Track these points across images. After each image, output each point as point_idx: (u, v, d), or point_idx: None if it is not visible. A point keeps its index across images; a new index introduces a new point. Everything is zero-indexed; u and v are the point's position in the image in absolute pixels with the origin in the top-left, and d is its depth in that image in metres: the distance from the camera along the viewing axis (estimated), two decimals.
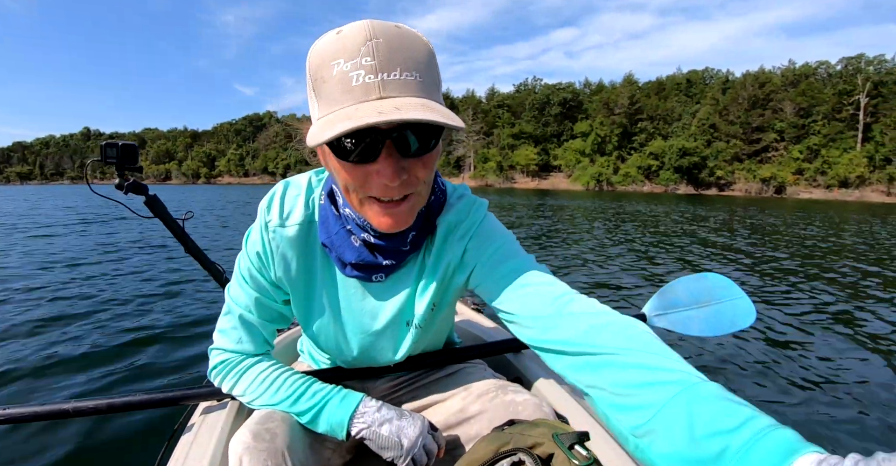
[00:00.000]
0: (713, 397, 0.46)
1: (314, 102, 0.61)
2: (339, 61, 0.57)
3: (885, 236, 11.53)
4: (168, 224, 1.77)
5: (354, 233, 0.77)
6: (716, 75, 68.25)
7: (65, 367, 2.91)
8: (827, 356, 3.26)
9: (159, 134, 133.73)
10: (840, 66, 56.32)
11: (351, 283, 0.85)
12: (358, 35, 0.57)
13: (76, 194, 34.79)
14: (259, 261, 0.83)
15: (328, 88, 0.58)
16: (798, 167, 51.85)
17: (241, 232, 1.83)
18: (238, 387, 0.87)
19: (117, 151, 1.57)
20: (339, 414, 0.82)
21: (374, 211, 0.67)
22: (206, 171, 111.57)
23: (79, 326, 3.70)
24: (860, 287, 5.52)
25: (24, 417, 0.90)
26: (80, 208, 18.35)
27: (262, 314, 0.87)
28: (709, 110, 59.57)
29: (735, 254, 7.96)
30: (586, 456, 0.63)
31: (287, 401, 0.83)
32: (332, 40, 0.59)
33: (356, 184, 0.64)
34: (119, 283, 5.24)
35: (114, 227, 11.38)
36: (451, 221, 0.82)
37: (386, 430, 0.80)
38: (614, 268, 6.50)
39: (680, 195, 46.44)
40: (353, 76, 0.56)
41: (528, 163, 66.29)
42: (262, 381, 0.85)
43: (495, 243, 0.80)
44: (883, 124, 49.92)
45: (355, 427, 0.81)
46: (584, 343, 0.61)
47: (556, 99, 71.47)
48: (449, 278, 0.84)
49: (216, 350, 0.89)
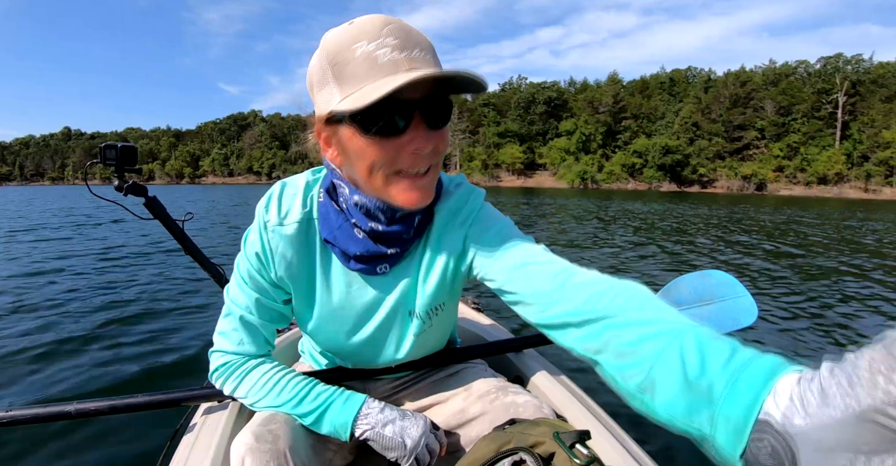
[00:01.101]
0: (704, 339, 0.47)
1: (332, 87, 0.64)
2: (361, 43, 0.61)
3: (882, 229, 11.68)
4: (168, 226, 1.76)
5: (360, 225, 0.77)
6: (699, 74, 68.97)
7: (66, 369, 2.91)
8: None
9: (142, 133, 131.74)
10: (819, 65, 57.32)
11: (353, 277, 0.84)
12: (374, 21, 0.63)
13: (63, 196, 34.06)
14: (258, 261, 0.83)
15: (352, 68, 0.61)
16: (778, 165, 52.72)
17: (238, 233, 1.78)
18: (240, 390, 0.86)
19: (116, 152, 1.57)
20: (342, 416, 0.82)
21: (401, 187, 0.69)
22: (190, 171, 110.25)
23: (79, 327, 3.70)
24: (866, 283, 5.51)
25: (27, 419, 0.90)
26: (69, 210, 18.02)
27: (263, 314, 0.86)
28: (691, 109, 60.26)
29: (728, 249, 8.00)
30: (587, 455, 0.63)
31: (290, 404, 0.83)
32: (348, 28, 0.64)
33: (385, 159, 0.66)
34: (119, 284, 5.23)
35: (110, 228, 11.22)
36: (450, 208, 0.82)
37: (389, 431, 0.80)
38: (605, 264, 6.47)
39: (663, 193, 46.89)
40: (380, 54, 0.60)
41: (514, 161, 66.52)
42: (265, 384, 0.84)
43: (494, 227, 0.80)
44: (860, 122, 50.93)
45: (359, 429, 0.81)
46: (586, 311, 0.60)
47: (541, 98, 71.73)
48: (451, 266, 0.83)
49: (217, 353, 0.88)
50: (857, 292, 4.99)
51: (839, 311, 4.25)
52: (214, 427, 0.93)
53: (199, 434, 0.92)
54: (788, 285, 5.20)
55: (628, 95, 68.24)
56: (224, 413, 0.98)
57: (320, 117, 0.69)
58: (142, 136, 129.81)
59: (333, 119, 0.67)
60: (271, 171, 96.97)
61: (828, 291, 5.00)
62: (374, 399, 0.85)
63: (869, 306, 4.46)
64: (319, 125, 0.70)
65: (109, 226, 11.83)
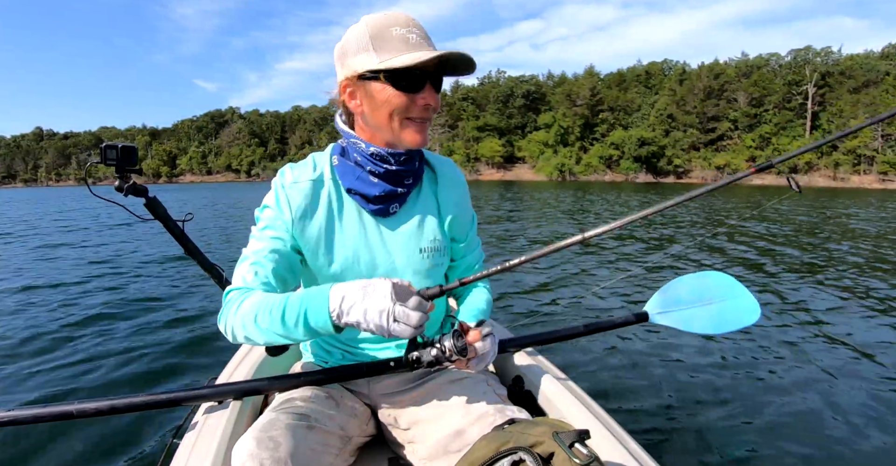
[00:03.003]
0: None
1: (371, 53, 0.87)
2: (396, 28, 0.87)
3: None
4: (168, 226, 1.75)
5: (375, 171, 0.97)
6: (674, 67, 69.80)
7: (66, 369, 2.94)
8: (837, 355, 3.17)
9: (117, 133, 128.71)
10: (789, 57, 58.39)
11: (368, 221, 1.01)
12: (403, 16, 0.90)
13: (46, 198, 33.43)
14: (273, 211, 0.97)
15: (391, 43, 0.86)
16: (751, 155, 53.60)
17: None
18: (235, 319, 0.87)
19: (117, 152, 1.56)
20: (319, 318, 0.80)
21: (411, 130, 0.92)
22: (167, 169, 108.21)
23: (79, 327, 3.74)
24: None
25: (28, 419, 0.90)
26: (53, 213, 17.79)
27: (274, 258, 0.94)
28: (667, 101, 61.02)
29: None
30: (587, 455, 0.63)
31: (276, 323, 0.83)
32: (385, 15, 0.90)
33: (402, 107, 0.89)
34: (118, 284, 5.30)
35: (107, 229, 11.20)
36: (440, 161, 1.11)
37: (354, 317, 0.78)
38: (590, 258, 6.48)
39: (639, 184, 47.50)
40: (410, 37, 0.87)
41: (493, 155, 66.68)
42: (251, 309, 0.85)
43: (469, 215, 1.14)
44: (829, 113, 52.16)
45: (338, 321, 0.80)
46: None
47: (519, 91, 71.92)
48: (441, 208, 1.07)
49: (227, 295, 0.92)
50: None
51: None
52: (215, 428, 0.93)
53: (200, 434, 0.92)
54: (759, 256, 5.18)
55: (605, 88, 68.73)
56: (225, 413, 0.98)
57: (351, 76, 0.90)
58: (117, 135, 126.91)
59: (365, 77, 0.89)
60: (250, 168, 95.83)
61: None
62: (339, 288, 0.80)
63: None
64: (348, 81, 0.92)
65: (109, 226, 11.81)
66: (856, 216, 13.08)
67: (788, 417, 2.37)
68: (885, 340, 3.44)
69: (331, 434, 0.92)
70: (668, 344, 3.27)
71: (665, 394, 2.60)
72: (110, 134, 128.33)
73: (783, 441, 2.17)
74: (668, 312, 1.27)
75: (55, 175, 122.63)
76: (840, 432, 2.26)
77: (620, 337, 3.37)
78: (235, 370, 1.24)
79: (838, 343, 3.36)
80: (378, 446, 1.09)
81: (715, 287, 1.29)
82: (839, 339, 3.44)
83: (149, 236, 9.37)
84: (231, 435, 0.91)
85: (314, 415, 0.91)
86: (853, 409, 2.45)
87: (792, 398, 2.57)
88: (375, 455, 1.07)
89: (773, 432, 2.24)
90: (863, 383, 2.75)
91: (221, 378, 1.23)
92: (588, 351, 3.14)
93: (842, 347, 3.30)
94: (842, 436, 2.22)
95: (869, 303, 4.39)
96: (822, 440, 2.20)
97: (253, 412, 1.06)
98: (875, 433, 2.24)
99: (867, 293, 4.73)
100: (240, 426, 0.96)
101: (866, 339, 3.45)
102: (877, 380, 2.78)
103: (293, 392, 0.98)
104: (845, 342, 3.37)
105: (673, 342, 3.29)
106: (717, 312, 1.24)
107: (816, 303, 4.36)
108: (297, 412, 0.89)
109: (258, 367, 1.25)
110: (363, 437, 1.05)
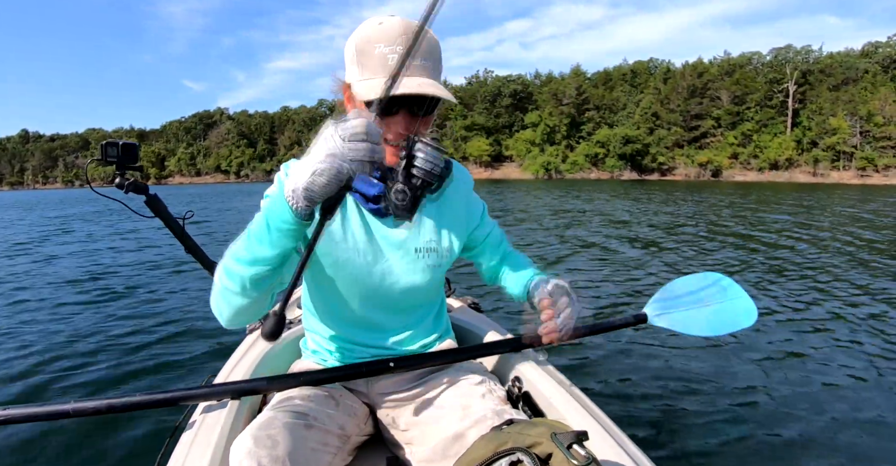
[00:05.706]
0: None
1: (355, 67, 0.88)
2: (380, 45, 0.84)
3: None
4: (168, 224, 1.77)
5: (374, 172, 0.91)
6: (659, 66, 70.61)
7: (65, 368, 2.94)
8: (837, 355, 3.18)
9: (104, 134, 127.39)
10: (770, 56, 59.34)
11: (370, 221, 0.99)
12: (396, 28, 0.85)
13: (40, 200, 32.90)
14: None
15: (372, 62, 0.85)
16: (733, 152, 54.58)
17: None
18: (216, 280, 0.87)
19: (118, 150, 1.57)
20: (279, 207, 0.74)
21: (389, 150, 0.90)
22: (155, 171, 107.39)
23: (78, 327, 3.74)
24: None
25: (25, 417, 0.89)
26: (51, 215, 17.63)
27: None
28: (651, 100, 61.78)
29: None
30: (585, 456, 0.63)
31: (250, 246, 0.79)
32: (375, 28, 0.86)
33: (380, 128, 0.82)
34: (118, 284, 5.26)
35: (106, 229, 11.10)
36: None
37: (303, 180, 0.69)
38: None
39: (625, 181, 48.02)
40: (390, 58, 0.84)
41: (481, 154, 67.09)
42: (226, 255, 0.84)
43: (477, 205, 1.15)
44: (809, 110, 53.11)
45: (295, 202, 0.72)
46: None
47: (506, 90, 72.38)
48: (442, 208, 1.05)
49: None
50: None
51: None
52: (213, 427, 0.93)
53: (198, 433, 0.91)
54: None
55: (592, 87, 69.40)
56: (223, 413, 0.97)
57: (348, 82, 0.92)
58: (104, 136, 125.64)
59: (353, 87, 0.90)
60: (240, 169, 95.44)
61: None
62: (291, 190, 0.71)
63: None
64: (346, 85, 0.93)
65: (109, 226, 11.72)
66: (842, 213, 12.95)
67: (787, 417, 2.38)
68: (885, 340, 3.42)
69: (329, 433, 0.92)
70: (666, 345, 3.24)
71: (664, 395, 2.59)
72: (97, 136, 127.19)
73: (783, 441, 2.18)
74: (667, 313, 1.27)
75: (42, 178, 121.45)
76: (844, 436, 2.21)
77: (620, 338, 3.35)
78: (234, 368, 1.23)
79: (839, 343, 3.35)
80: (376, 445, 1.10)
81: (713, 288, 1.30)
82: (840, 339, 3.43)
83: (148, 234, 9.31)
84: (229, 434, 0.90)
85: (313, 414, 0.91)
86: (856, 412, 2.43)
87: (789, 399, 2.57)
88: (374, 455, 1.08)
89: (772, 432, 2.25)
90: (863, 383, 2.75)
91: (220, 377, 1.22)
92: (587, 352, 3.13)
93: (842, 347, 3.29)
94: (844, 440, 2.19)
95: (865, 300, 4.36)
96: (823, 441, 2.18)
97: (251, 410, 1.06)
98: (878, 433, 2.25)
99: (865, 292, 4.68)
100: (238, 424, 0.95)
101: (866, 339, 3.42)
102: (877, 380, 2.79)
103: (292, 391, 0.98)
104: (846, 342, 3.37)
105: (672, 342, 3.26)
106: (715, 314, 1.25)
107: (815, 303, 4.32)
108: (295, 410, 0.89)
109: (257, 366, 1.23)
110: (362, 436, 1.06)
